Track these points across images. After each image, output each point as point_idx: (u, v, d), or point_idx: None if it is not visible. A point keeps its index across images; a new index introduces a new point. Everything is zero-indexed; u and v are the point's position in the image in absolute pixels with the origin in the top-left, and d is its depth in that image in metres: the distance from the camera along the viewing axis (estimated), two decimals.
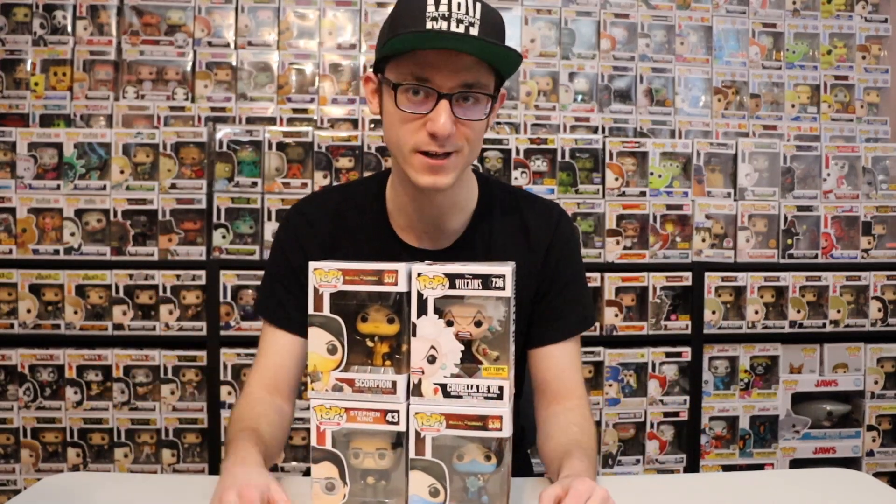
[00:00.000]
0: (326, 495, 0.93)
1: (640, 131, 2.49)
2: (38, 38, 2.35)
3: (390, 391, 0.91)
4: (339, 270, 0.91)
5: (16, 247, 2.14)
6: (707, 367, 2.29)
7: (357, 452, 0.93)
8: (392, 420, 0.91)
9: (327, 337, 0.92)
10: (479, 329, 0.89)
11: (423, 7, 1.01)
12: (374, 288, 0.91)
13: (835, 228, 2.34)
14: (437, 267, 0.90)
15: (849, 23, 2.61)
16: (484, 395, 0.90)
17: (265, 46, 2.41)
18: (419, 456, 0.91)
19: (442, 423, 0.90)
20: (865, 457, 2.33)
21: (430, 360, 0.91)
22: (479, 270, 0.89)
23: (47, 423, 2.14)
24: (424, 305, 0.90)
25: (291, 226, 1.23)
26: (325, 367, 0.93)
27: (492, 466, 0.90)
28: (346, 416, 0.92)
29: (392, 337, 0.91)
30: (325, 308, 0.92)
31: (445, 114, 1.02)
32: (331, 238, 1.21)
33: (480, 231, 1.20)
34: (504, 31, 1.09)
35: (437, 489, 0.91)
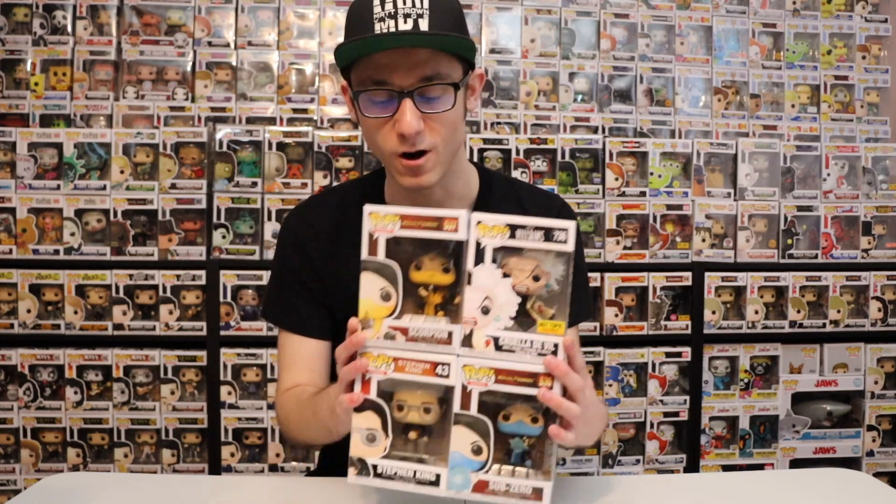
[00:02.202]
0: (366, 446, 0.89)
1: (640, 131, 2.49)
2: (38, 38, 2.35)
3: (445, 341, 0.87)
4: (397, 215, 0.88)
5: (16, 247, 2.14)
6: (707, 367, 2.29)
7: (402, 405, 0.89)
8: (441, 373, 0.87)
9: (381, 283, 0.88)
10: (537, 284, 0.85)
11: (371, 11, 1.01)
12: (432, 234, 0.87)
13: (835, 228, 2.34)
14: (498, 216, 0.86)
15: (849, 23, 2.61)
16: (538, 350, 0.86)
17: (265, 46, 2.41)
18: (464, 411, 0.87)
19: (491, 378, 0.86)
20: (865, 457, 2.33)
21: (484, 311, 0.87)
22: (542, 223, 0.85)
23: (47, 423, 2.14)
24: (482, 254, 0.86)
25: (291, 228, 1.24)
26: (377, 313, 0.88)
27: (538, 429, 0.86)
28: (394, 365, 0.88)
29: (446, 287, 0.87)
30: (379, 253, 0.88)
31: (410, 112, 1.01)
32: (332, 236, 1.21)
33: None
34: (460, 14, 1.08)
35: (479, 447, 0.87)
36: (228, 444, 2.16)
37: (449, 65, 1.04)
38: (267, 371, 2.17)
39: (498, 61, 2.47)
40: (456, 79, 1.05)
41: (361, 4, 1.03)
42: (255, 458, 2.19)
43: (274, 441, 2.18)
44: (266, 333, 2.15)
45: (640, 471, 2.28)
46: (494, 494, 0.87)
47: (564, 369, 0.85)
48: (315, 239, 1.21)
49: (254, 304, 2.18)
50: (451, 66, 1.04)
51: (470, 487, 0.88)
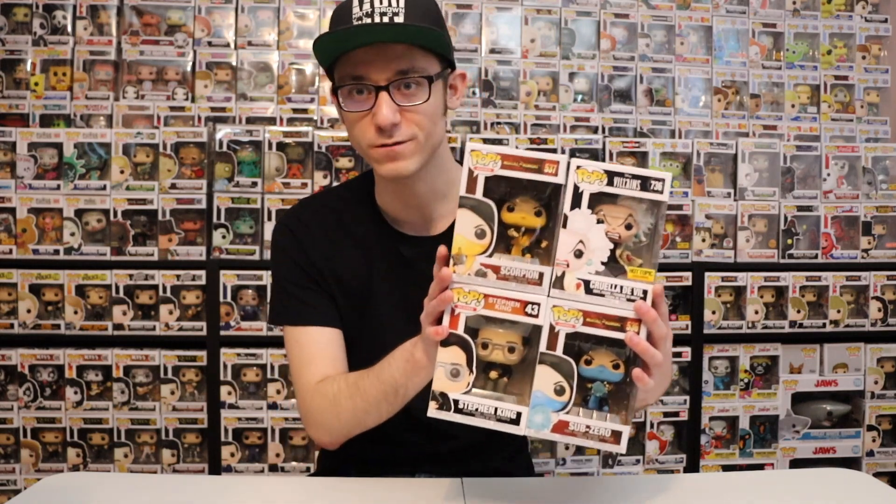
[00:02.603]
0: (450, 381, 0.91)
1: (640, 131, 2.49)
2: (38, 38, 2.35)
3: (536, 282, 0.89)
4: (499, 154, 0.89)
5: (16, 247, 2.14)
6: (707, 367, 2.29)
7: (486, 343, 0.91)
8: (531, 312, 0.89)
9: (477, 220, 0.90)
10: (628, 232, 0.88)
11: (350, 12, 1.07)
12: (531, 176, 0.88)
13: (835, 228, 2.34)
14: (597, 163, 0.88)
15: (849, 23, 2.61)
16: (627, 296, 0.88)
17: (265, 46, 2.41)
18: (550, 351, 0.88)
19: (579, 320, 0.88)
20: (865, 457, 2.33)
21: (577, 254, 0.88)
22: (640, 172, 0.87)
23: (47, 423, 2.14)
24: (579, 199, 0.88)
25: (289, 230, 1.25)
26: (470, 250, 0.90)
27: (619, 375, 0.88)
28: (483, 301, 0.89)
29: (536, 230, 0.89)
30: (478, 191, 0.89)
31: (386, 105, 1.06)
32: (329, 237, 1.23)
33: None
34: (437, 14, 1.13)
35: (562, 387, 0.89)
36: (228, 444, 2.16)
37: (424, 59, 1.09)
38: (267, 371, 2.17)
39: (498, 61, 2.47)
40: (431, 73, 1.09)
41: (342, 7, 1.09)
42: (255, 458, 2.19)
43: (274, 441, 2.18)
44: (266, 333, 2.15)
45: (640, 471, 2.28)
46: (574, 435, 0.89)
47: (653, 315, 0.87)
48: (312, 238, 1.23)
49: (254, 304, 2.19)
50: (426, 60, 1.09)
51: (550, 427, 0.89)
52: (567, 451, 2.27)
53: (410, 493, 1.09)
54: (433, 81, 1.09)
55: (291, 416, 2.17)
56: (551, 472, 2.25)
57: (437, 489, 1.09)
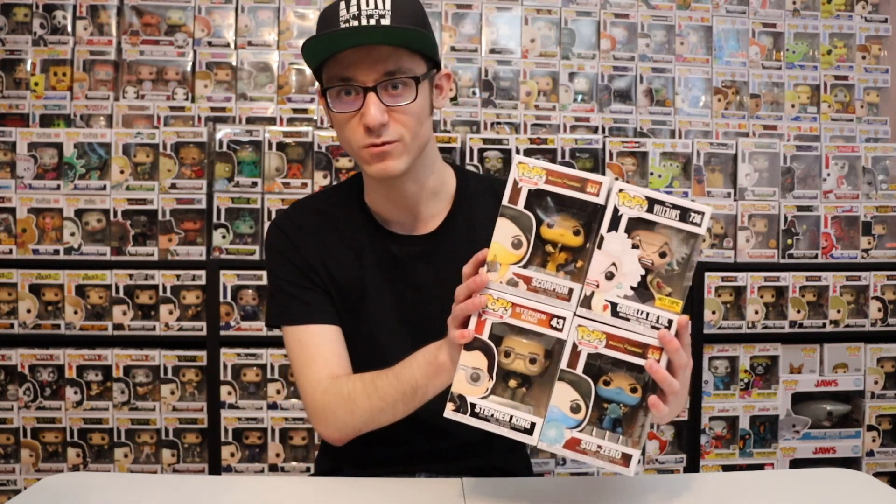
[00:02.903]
0: (469, 384, 0.92)
1: (640, 131, 2.49)
2: (38, 38, 2.35)
3: (565, 297, 0.90)
4: (545, 170, 0.90)
5: (16, 247, 2.14)
6: (707, 367, 2.29)
7: (509, 352, 0.92)
8: (556, 326, 0.90)
9: (515, 230, 0.91)
10: (662, 261, 0.89)
11: (337, 14, 1.08)
12: (574, 194, 0.89)
13: (835, 228, 2.34)
14: (639, 188, 0.89)
15: (849, 23, 2.61)
16: (652, 323, 0.89)
17: (265, 46, 2.41)
18: (570, 369, 0.90)
19: (602, 342, 0.89)
20: (865, 457, 2.33)
21: (609, 276, 0.89)
22: (680, 202, 0.88)
23: (47, 423, 2.14)
24: (617, 222, 0.89)
25: (282, 232, 1.25)
26: (505, 259, 0.92)
27: (635, 399, 0.89)
28: (511, 310, 0.91)
29: (573, 249, 0.91)
30: (520, 202, 0.91)
31: (374, 105, 1.08)
32: (321, 238, 1.24)
33: (462, 215, 1.24)
34: (422, 15, 1.14)
35: (579, 406, 0.90)
36: (228, 444, 2.16)
37: (411, 60, 1.11)
38: (267, 371, 2.17)
39: (498, 61, 2.47)
40: (418, 73, 1.11)
41: (329, 10, 1.11)
42: (255, 458, 2.19)
43: (274, 441, 2.18)
44: (266, 333, 2.15)
45: (640, 471, 2.28)
46: (584, 453, 0.90)
47: (676, 345, 0.89)
48: (305, 239, 1.23)
49: (254, 304, 2.19)
50: (412, 61, 1.11)
51: (562, 443, 0.91)
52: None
53: (410, 492, 1.09)
54: (420, 82, 1.11)
55: (291, 416, 2.17)
56: (551, 472, 2.25)
57: (437, 489, 1.09)
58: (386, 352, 1.21)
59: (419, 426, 1.17)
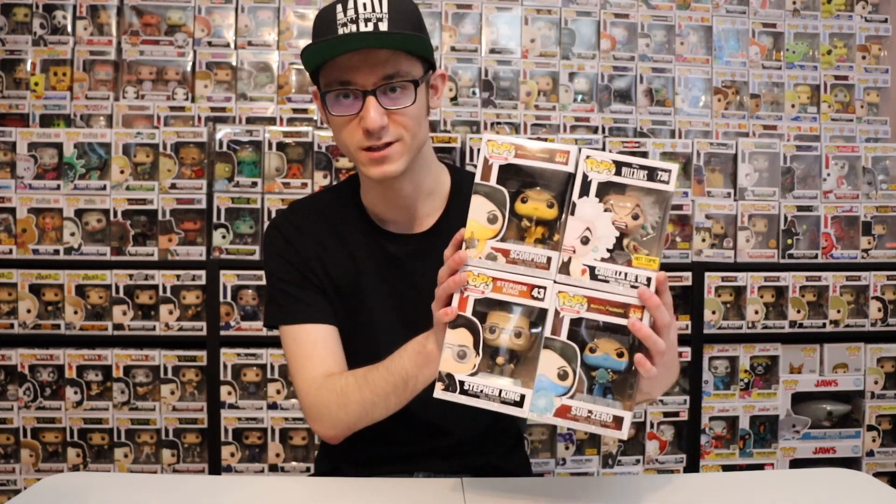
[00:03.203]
0: (456, 362, 0.93)
1: (640, 131, 2.49)
2: (38, 38, 2.35)
3: (544, 266, 0.91)
4: (512, 144, 0.92)
5: (16, 247, 2.14)
6: (707, 367, 2.29)
7: (494, 328, 0.92)
8: (537, 296, 0.91)
9: (490, 206, 0.92)
10: (635, 223, 0.90)
11: (334, 17, 1.09)
12: (543, 164, 0.91)
13: (835, 228, 2.34)
14: (606, 154, 0.91)
15: (849, 23, 2.61)
16: (631, 283, 0.89)
17: (265, 46, 2.41)
18: (554, 336, 0.90)
19: (583, 306, 0.90)
20: (865, 457, 2.33)
21: (584, 241, 0.90)
22: (646, 163, 0.89)
23: (47, 423, 2.14)
24: (587, 187, 0.90)
25: (279, 232, 1.26)
26: (482, 234, 0.93)
27: (623, 364, 0.89)
28: (492, 285, 0.92)
29: (548, 222, 0.92)
30: (492, 178, 0.92)
31: (373, 108, 1.08)
32: (318, 239, 1.25)
33: (456, 213, 1.23)
34: (418, 17, 1.15)
35: (566, 372, 0.90)
36: (228, 444, 2.16)
37: (409, 63, 1.11)
38: (267, 371, 2.17)
39: (498, 61, 2.47)
40: (416, 76, 1.12)
41: (326, 12, 1.11)
42: (255, 458, 2.19)
43: (274, 441, 2.18)
44: (266, 333, 2.15)
45: (640, 471, 2.28)
46: (576, 420, 0.90)
47: (656, 301, 0.89)
48: (302, 239, 1.24)
49: (254, 304, 2.19)
50: (410, 64, 1.12)
51: (552, 411, 0.91)
52: (567, 451, 2.27)
53: (411, 492, 1.09)
54: (418, 85, 1.12)
55: (291, 416, 2.17)
56: (551, 472, 2.25)
57: (437, 489, 1.10)
58: (383, 350, 1.21)
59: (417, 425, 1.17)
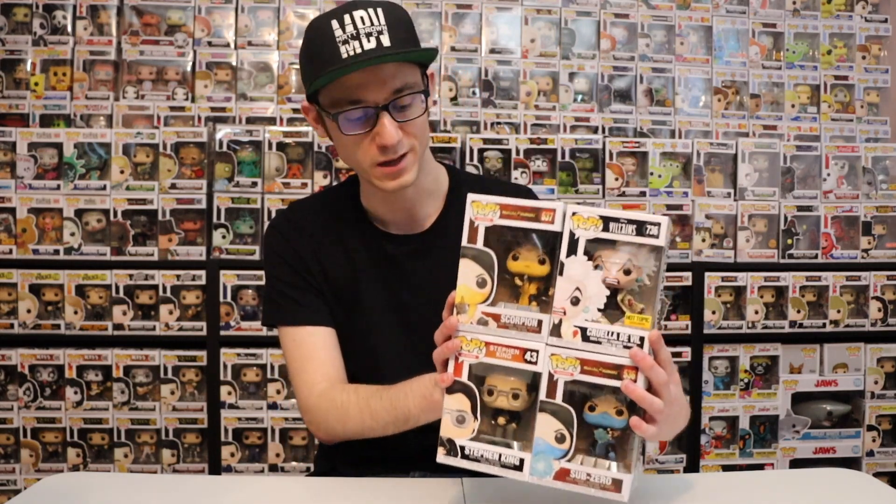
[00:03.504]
0: (456, 427, 0.93)
1: (640, 131, 2.49)
2: (38, 38, 2.35)
3: (535, 329, 0.90)
4: (497, 205, 0.90)
5: (16, 247, 2.14)
6: (707, 367, 2.29)
7: (492, 390, 0.92)
8: (530, 360, 0.89)
9: (478, 270, 0.92)
10: (627, 278, 0.87)
11: (332, 34, 1.06)
12: (529, 224, 0.90)
13: (835, 228, 2.34)
14: (593, 208, 0.88)
15: (849, 23, 2.61)
16: (623, 343, 0.87)
17: (265, 46, 2.41)
18: (549, 399, 0.89)
19: (576, 368, 0.88)
20: (865, 457, 2.33)
21: (574, 301, 0.88)
22: (635, 216, 0.86)
23: (47, 423, 2.14)
24: (575, 245, 0.88)
25: (278, 232, 1.26)
26: (472, 299, 0.92)
27: (623, 422, 0.87)
28: (485, 349, 0.91)
29: (541, 278, 0.90)
30: (478, 241, 0.91)
31: (389, 125, 1.08)
32: (317, 239, 1.25)
33: (455, 212, 1.23)
34: (411, 23, 1.14)
35: (563, 435, 0.89)
36: (228, 444, 2.16)
37: (412, 73, 1.11)
38: (267, 371, 2.17)
39: (498, 61, 2.47)
40: (421, 86, 1.11)
41: (319, 30, 1.08)
42: (255, 458, 2.19)
43: (274, 441, 2.18)
44: (266, 333, 2.15)
45: (641, 471, 2.28)
46: (575, 483, 0.89)
47: (649, 362, 0.86)
48: (300, 239, 1.24)
49: (254, 304, 2.18)
50: (414, 74, 1.11)
51: (552, 474, 0.89)
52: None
53: (411, 493, 1.09)
54: (428, 94, 1.12)
55: (291, 416, 2.17)
56: None
57: (438, 489, 1.09)
58: (380, 350, 1.22)
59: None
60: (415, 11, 2.45)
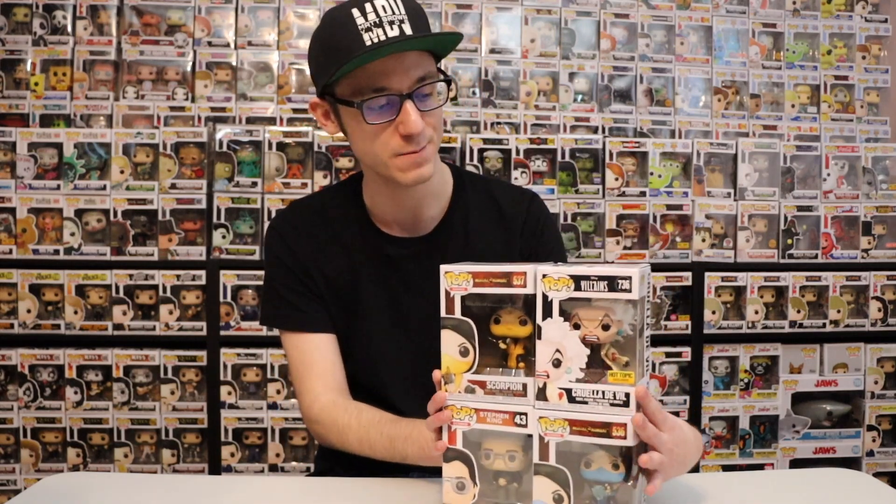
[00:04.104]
0: (457, 494, 0.94)
1: (640, 131, 2.49)
2: (38, 38, 2.35)
3: (521, 394, 0.91)
4: (469, 273, 0.92)
5: (16, 247, 2.14)
6: (707, 367, 2.29)
7: (488, 453, 0.93)
8: (520, 423, 0.90)
9: (459, 339, 0.93)
10: (607, 333, 0.86)
11: (353, 22, 1.04)
12: (503, 290, 0.90)
13: (835, 228, 2.34)
14: (562, 268, 0.88)
15: (849, 23, 2.61)
16: (609, 401, 0.87)
17: (265, 46, 2.41)
18: (543, 461, 0.89)
19: (566, 429, 0.88)
20: (865, 457, 2.33)
21: (556, 363, 0.88)
22: (605, 272, 0.86)
23: (47, 423, 2.14)
24: (550, 307, 0.88)
25: (278, 234, 1.25)
26: (457, 368, 0.93)
27: (619, 476, 0.87)
28: (476, 416, 0.92)
29: (525, 339, 0.91)
30: (456, 311, 0.93)
31: (414, 113, 1.06)
32: (317, 239, 1.24)
33: (458, 215, 1.24)
34: (425, 13, 1.12)
35: (560, 496, 0.89)
36: (228, 444, 2.16)
37: (431, 63, 1.11)
38: (267, 371, 2.17)
39: (498, 61, 2.47)
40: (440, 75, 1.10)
41: (338, 20, 1.06)
42: (255, 458, 2.19)
43: (274, 441, 2.18)
44: (266, 333, 2.15)
45: None
46: None
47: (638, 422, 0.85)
48: (300, 240, 1.23)
49: (254, 304, 2.18)
50: (432, 63, 1.11)
51: None
52: None
53: (410, 493, 1.09)
54: (449, 84, 1.11)
55: (291, 416, 2.17)
56: None
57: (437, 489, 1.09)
58: (380, 353, 1.22)
59: None
60: None
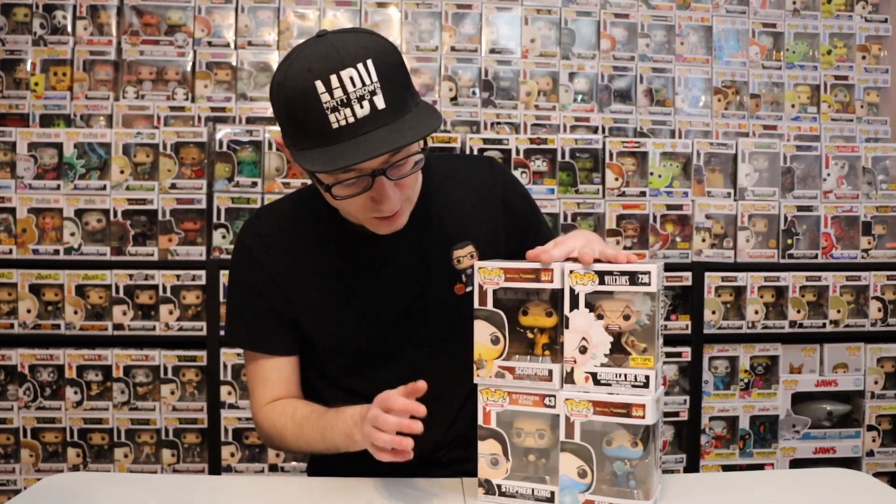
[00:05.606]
0: (491, 468, 1.04)
1: (640, 131, 2.49)
2: (38, 38, 2.35)
3: (546, 378, 1.01)
4: (501, 269, 1.02)
5: (16, 247, 2.14)
6: (707, 367, 2.29)
7: (519, 432, 1.03)
8: (549, 404, 1.01)
9: (491, 329, 1.03)
10: (628, 322, 0.97)
11: (317, 99, 0.96)
12: (532, 285, 1.00)
13: (835, 228, 2.34)
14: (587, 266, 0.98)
15: (849, 23, 2.61)
16: (631, 383, 0.97)
17: (265, 46, 2.41)
18: (568, 439, 0.99)
19: (590, 410, 0.98)
20: (865, 457, 2.33)
21: (582, 350, 0.99)
22: (627, 268, 0.96)
23: (47, 423, 2.14)
24: (576, 300, 0.99)
25: (246, 249, 1.22)
26: (489, 355, 1.03)
27: (639, 452, 0.97)
28: (508, 398, 1.03)
29: (550, 329, 1.01)
30: (488, 303, 1.02)
31: (390, 189, 1.03)
32: (286, 244, 1.21)
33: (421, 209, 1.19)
34: (402, 64, 1.03)
35: (584, 471, 0.99)
36: (228, 444, 2.16)
37: None
38: None
39: (498, 61, 2.47)
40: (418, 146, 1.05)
41: (304, 95, 0.97)
42: (255, 458, 2.19)
43: None
44: None
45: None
46: None
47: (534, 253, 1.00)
48: (267, 249, 1.20)
49: None
50: None
51: None
52: None
53: (410, 492, 1.09)
54: (425, 151, 1.06)
55: None
56: None
57: (437, 489, 1.10)
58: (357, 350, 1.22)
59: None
60: (415, 11, 2.45)
